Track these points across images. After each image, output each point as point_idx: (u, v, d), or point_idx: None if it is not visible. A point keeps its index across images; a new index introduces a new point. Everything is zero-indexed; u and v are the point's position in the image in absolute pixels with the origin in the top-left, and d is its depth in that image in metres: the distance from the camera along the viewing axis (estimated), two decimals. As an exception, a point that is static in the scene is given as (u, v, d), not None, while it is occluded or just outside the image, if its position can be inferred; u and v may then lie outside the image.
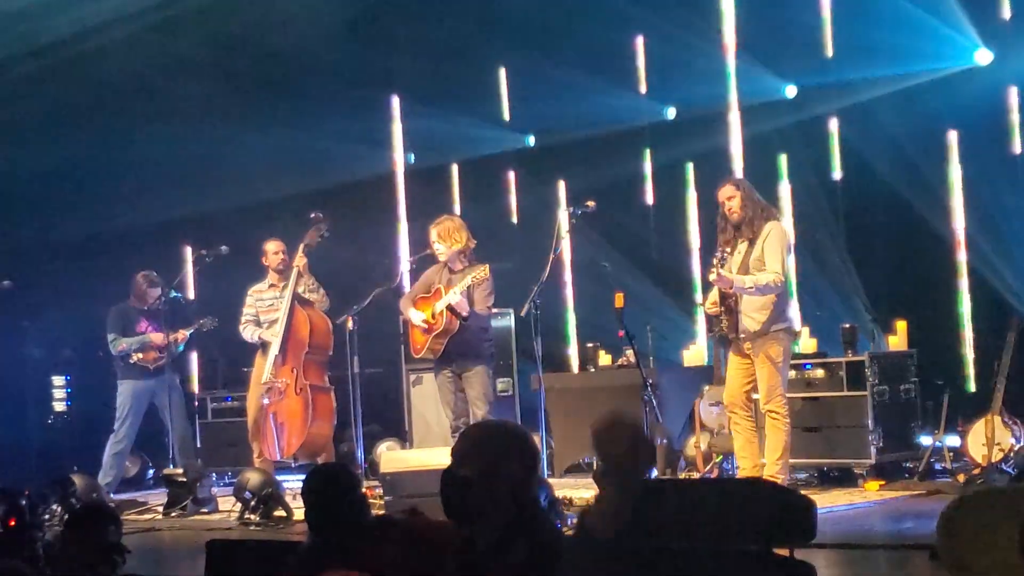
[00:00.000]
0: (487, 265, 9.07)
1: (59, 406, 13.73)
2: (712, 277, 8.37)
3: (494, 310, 9.68)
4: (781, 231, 8.62)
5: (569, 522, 7.29)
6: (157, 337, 10.95)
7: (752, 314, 8.45)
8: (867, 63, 11.25)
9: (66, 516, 4.85)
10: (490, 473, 3.56)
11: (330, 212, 10.73)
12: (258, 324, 10.41)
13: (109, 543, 4.77)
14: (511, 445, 3.63)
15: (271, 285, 10.46)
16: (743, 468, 8.52)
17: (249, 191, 13.71)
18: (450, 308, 9.06)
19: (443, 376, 9.36)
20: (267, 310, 10.38)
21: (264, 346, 10.30)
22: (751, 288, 8.36)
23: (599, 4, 12.70)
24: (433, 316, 9.22)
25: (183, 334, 11.14)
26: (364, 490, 4.51)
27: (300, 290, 10.31)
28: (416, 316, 9.31)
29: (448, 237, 9.33)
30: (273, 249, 10.44)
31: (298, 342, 10.18)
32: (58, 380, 13.77)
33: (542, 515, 3.67)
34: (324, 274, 10.74)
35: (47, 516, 6.45)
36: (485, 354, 9.32)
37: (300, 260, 10.29)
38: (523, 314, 9.29)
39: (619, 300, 8.76)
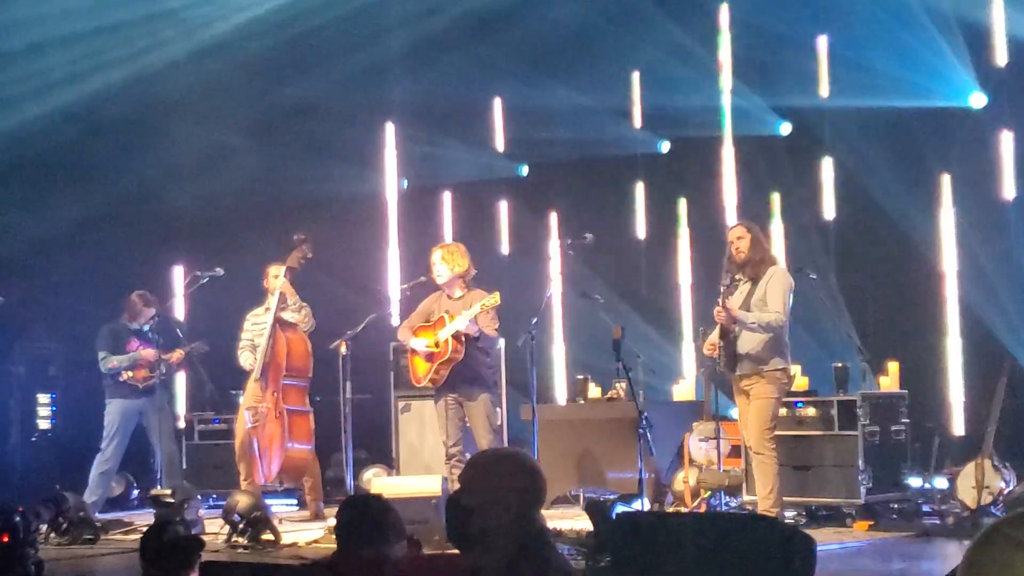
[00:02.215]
0: (497, 293, 9.09)
1: (44, 424, 13.64)
2: (717, 310, 8.49)
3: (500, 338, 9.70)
4: (784, 275, 8.81)
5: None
6: (148, 353, 10.90)
7: (750, 352, 8.55)
8: (863, 94, 11.30)
9: (145, 550, 4.72)
10: (495, 501, 3.55)
11: (322, 237, 10.74)
12: (254, 348, 10.40)
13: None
14: (517, 473, 3.63)
15: (267, 309, 10.46)
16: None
17: (242, 213, 13.73)
18: (455, 336, 9.06)
19: (444, 401, 9.32)
20: (261, 333, 10.39)
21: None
22: (753, 324, 8.48)
23: (596, 38, 12.77)
24: (438, 344, 9.21)
25: (178, 354, 11.11)
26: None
27: (283, 311, 10.31)
28: (420, 343, 9.29)
29: (451, 260, 9.35)
30: (274, 272, 10.44)
31: (277, 365, 10.19)
32: (43, 398, 13.69)
33: (549, 544, 3.67)
34: (316, 299, 10.74)
35: (38, 533, 6.40)
36: (488, 381, 9.33)
37: (283, 281, 10.29)
38: (520, 344, 9.32)
39: (617, 332, 8.78)
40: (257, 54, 13.30)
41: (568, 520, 9.02)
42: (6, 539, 5.56)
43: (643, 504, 8.80)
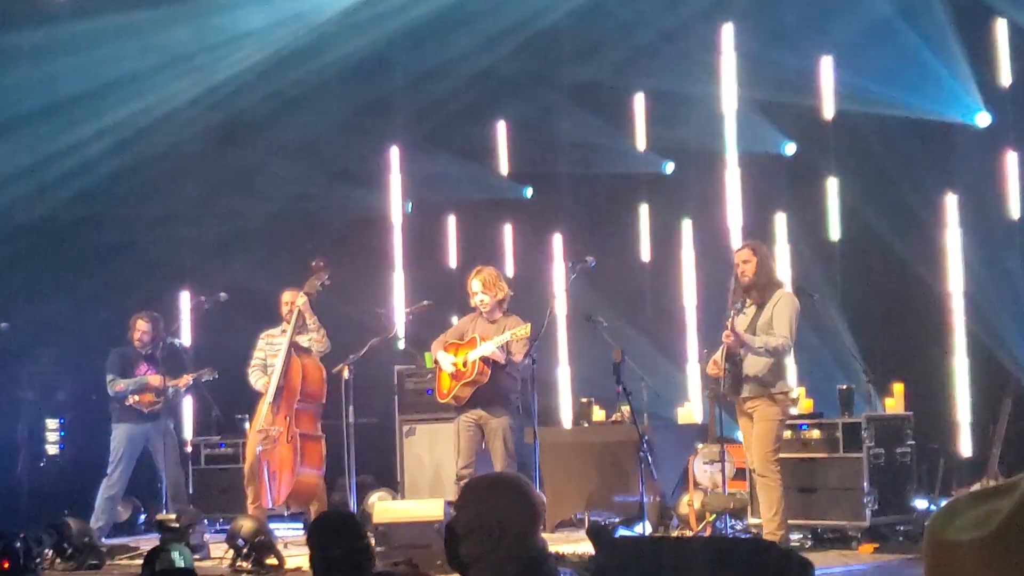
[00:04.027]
0: (528, 324, 9.12)
1: (52, 449, 13.66)
2: (725, 333, 8.50)
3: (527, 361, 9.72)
4: (791, 299, 8.82)
5: (562, 578, 7.27)
6: (155, 379, 10.92)
7: (755, 375, 8.56)
8: (868, 113, 11.27)
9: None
10: (489, 525, 3.55)
11: (327, 260, 10.75)
12: (265, 368, 10.41)
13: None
14: (512, 497, 3.63)
15: (283, 331, 10.47)
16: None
17: (247, 238, 13.78)
18: (483, 359, 9.09)
19: (464, 421, 9.35)
20: (275, 353, 10.39)
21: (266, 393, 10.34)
22: (760, 348, 8.50)
23: (599, 59, 12.79)
24: (464, 364, 9.24)
25: (186, 379, 11.12)
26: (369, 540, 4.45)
27: (300, 335, 10.33)
28: (446, 360, 9.34)
29: (493, 287, 9.42)
30: (287, 299, 10.44)
31: (291, 390, 10.18)
32: (52, 423, 13.71)
33: (548, 567, 3.66)
34: (321, 322, 10.74)
35: (40, 560, 6.41)
36: (512, 404, 9.37)
37: (301, 302, 10.30)
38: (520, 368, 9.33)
39: (617, 356, 8.79)
40: (265, 82, 13.37)
41: (571, 544, 8.99)
42: (6, 565, 5.57)
43: (645, 528, 8.79)
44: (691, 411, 11.24)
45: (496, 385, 9.18)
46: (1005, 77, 10.96)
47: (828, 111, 11.72)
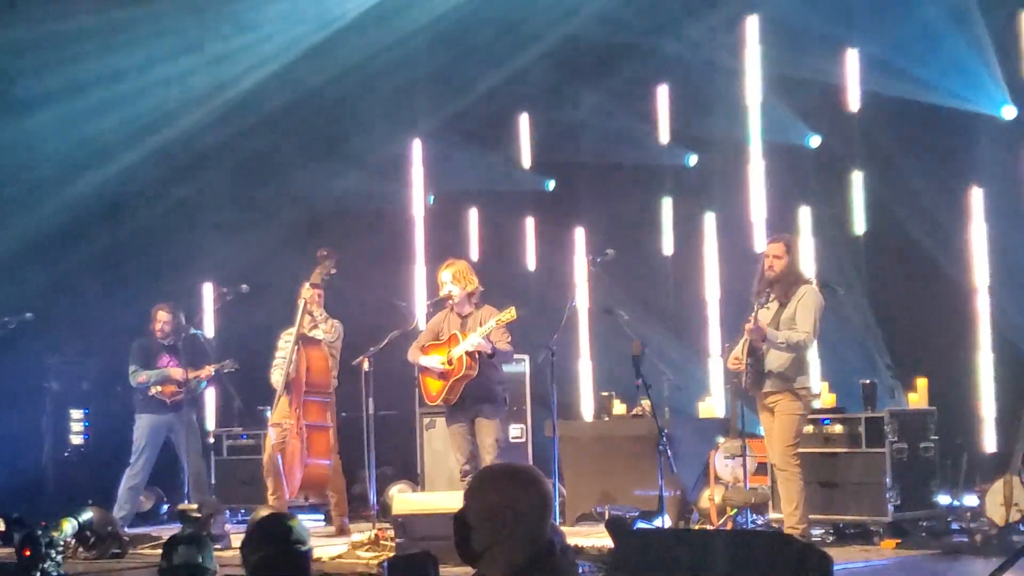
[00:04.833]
0: (513, 308, 9.06)
1: (76, 439, 13.73)
2: (748, 326, 8.49)
3: (515, 354, 9.65)
4: (816, 294, 8.77)
5: (581, 571, 7.25)
6: (177, 372, 10.97)
7: (776, 370, 8.54)
8: (894, 102, 11.17)
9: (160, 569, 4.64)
10: (496, 514, 3.56)
11: (349, 252, 10.77)
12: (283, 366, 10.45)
13: None
14: (518, 488, 3.62)
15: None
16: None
17: (269, 229, 13.81)
18: (469, 354, 9.04)
19: (456, 426, 9.33)
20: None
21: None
22: (782, 343, 8.49)
23: (622, 51, 12.74)
24: (451, 361, 9.19)
25: (208, 370, 11.15)
26: (309, 546, 4.41)
27: (308, 329, 10.34)
28: (432, 361, 9.28)
29: (463, 279, 9.35)
30: (307, 293, 10.46)
31: (299, 382, 10.23)
32: (76, 413, 13.78)
33: (558, 557, 3.65)
34: (341, 314, 10.76)
35: (61, 548, 6.43)
36: (499, 399, 9.30)
37: (308, 294, 10.31)
38: (539, 361, 9.30)
39: (636, 349, 8.75)
40: (291, 75, 13.40)
41: (591, 537, 8.98)
42: (27, 552, 5.60)
43: (664, 522, 8.76)
44: (712, 405, 11.20)
45: (483, 379, 9.13)
46: (1030, 70, 10.86)
47: (853, 103, 11.65)
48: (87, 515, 9.07)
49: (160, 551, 9.57)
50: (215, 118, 13.57)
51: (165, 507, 12.50)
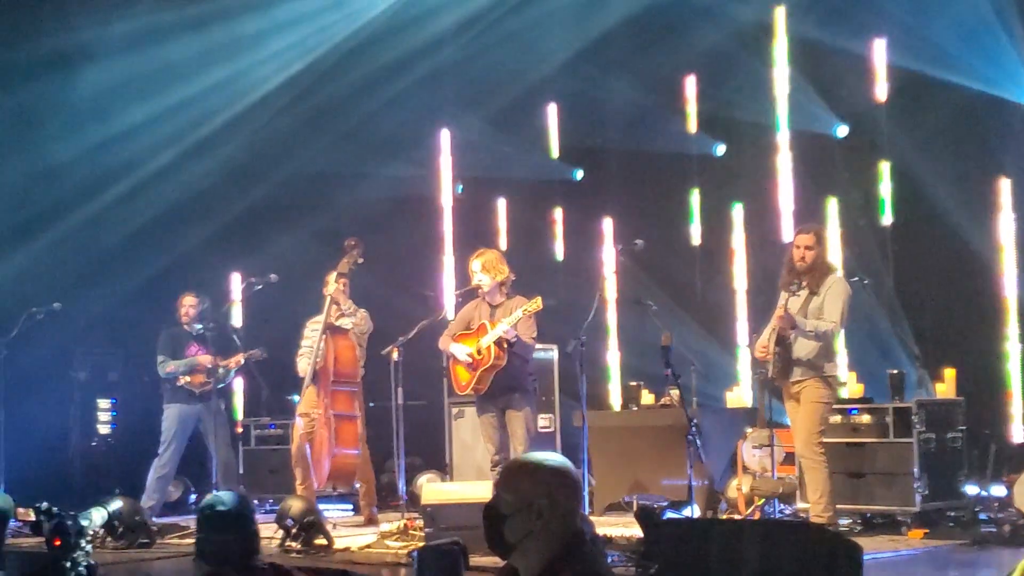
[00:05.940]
0: (539, 298, 9.06)
1: (104, 428, 13.80)
2: (779, 313, 8.54)
3: (538, 345, 9.65)
4: (845, 285, 8.81)
5: (610, 560, 7.26)
6: (206, 358, 11.02)
7: (804, 358, 8.57)
8: (923, 82, 11.08)
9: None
10: (528, 505, 3.56)
11: (377, 242, 10.78)
12: (310, 354, 10.46)
13: None
14: (548, 478, 3.62)
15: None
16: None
17: (298, 219, 13.85)
18: (497, 343, 9.05)
19: (486, 416, 9.35)
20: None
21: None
22: (811, 332, 8.54)
23: (650, 41, 12.71)
24: (479, 351, 9.20)
25: (238, 359, 11.19)
26: (256, 528, 4.54)
27: (335, 318, 10.37)
28: (460, 351, 9.29)
29: (492, 268, 9.35)
30: (333, 280, 10.48)
31: (326, 371, 10.25)
32: (104, 403, 13.85)
33: (588, 547, 3.65)
34: (370, 304, 10.77)
35: (91, 538, 6.46)
36: (529, 389, 9.31)
37: (334, 287, 10.33)
38: (569, 351, 9.29)
39: (666, 339, 8.75)
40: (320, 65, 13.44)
41: (620, 527, 8.99)
42: (57, 543, 5.62)
43: (693, 511, 8.76)
44: (740, 395, 11.18)
45: (512, 369, 9.13)
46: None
47: (881, 93, 11.59)
48: (116, 505, 9.12)
49: (189, 540, 9.66)
50: (243, 108, 13.61)
51: (193, 497, 12.55)
